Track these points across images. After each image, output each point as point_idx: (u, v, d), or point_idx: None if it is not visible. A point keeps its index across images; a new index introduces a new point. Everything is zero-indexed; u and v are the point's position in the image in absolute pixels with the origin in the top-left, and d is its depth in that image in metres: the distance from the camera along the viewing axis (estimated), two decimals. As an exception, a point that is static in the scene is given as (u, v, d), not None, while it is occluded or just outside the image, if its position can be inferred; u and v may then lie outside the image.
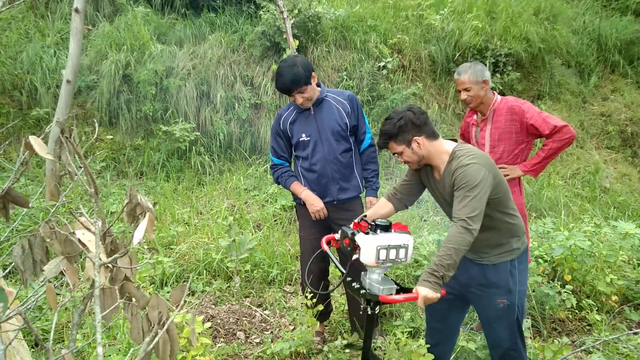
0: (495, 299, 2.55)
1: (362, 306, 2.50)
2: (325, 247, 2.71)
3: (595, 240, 4.22)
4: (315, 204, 3.32)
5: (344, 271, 2.53)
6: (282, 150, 3.44)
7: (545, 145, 3.36)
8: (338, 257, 3.27)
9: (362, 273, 2.49)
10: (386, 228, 2.41)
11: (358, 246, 2.39)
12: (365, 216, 2.64)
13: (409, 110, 2.49)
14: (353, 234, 2.44)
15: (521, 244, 2.57)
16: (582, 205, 6.44)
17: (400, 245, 2.34)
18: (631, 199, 6.71)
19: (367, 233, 2.41)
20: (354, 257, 2.42)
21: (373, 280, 2.41)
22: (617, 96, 8.60)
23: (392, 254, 2.33)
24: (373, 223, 2.43)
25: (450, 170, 2.40)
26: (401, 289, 2.39)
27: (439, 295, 2.23)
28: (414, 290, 2.27)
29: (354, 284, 2.45)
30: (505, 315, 2.57)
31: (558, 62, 8.53)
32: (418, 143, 2.46)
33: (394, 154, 2.59)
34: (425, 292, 2.21)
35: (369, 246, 2.33)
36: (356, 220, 2.60)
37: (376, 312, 2.47)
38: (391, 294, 2.35)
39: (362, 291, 2.39)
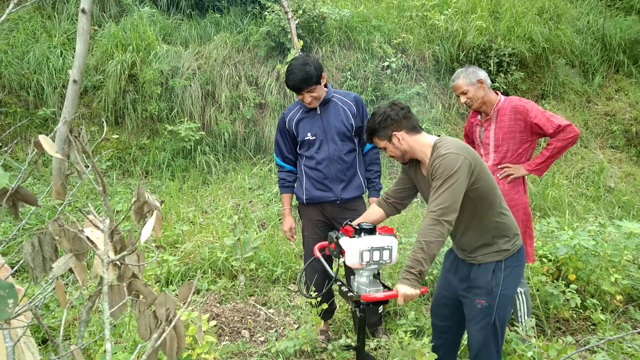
0: (475, 299, 2.52)
1: (351, 309, 2.53)
2: (317, 253, 2.75)
3: (600, 240, 4.21)
4: (285, 226, 3.57)
5: (334, 275, 2.58)
6: (287, 151, 3.46)
7: (549, 144, 3.36)
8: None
9: (352, 276, 2.54)
10: (370, 231, 2.46)
11: (344, 250, 2.43)
12: (351, 221, 2.68)
13: (389, 106, 2.53)
14: (337, 238, 2.49)
15: (511, 246, 2.51)
16: (587, 205, 6.43)
17: (384, 247, 2.39)
18: (636, 199, 6.69)
19: (352, 237, 2.45)
20: (341, 260, 2.45)
21: (361, 283, 2.45)
22: (621, 96, 8.57)
23: (376, 255, 2.38)
24: (357, 227, 2.47)
25: (431, 162, 2.40)
26: (389, 291, 2.42)
27: (418, 292, 2.25)
28: (394, 289, 2.30)
29: (343, 287, 2.49)
30: (481, 316, 2.52)
31: (562, 62, 8.52)
32: (398, 138, 2.49)
33: (379, 149, 2.64)
34: (404, 289, 2.24)
35: (352, 249, 2.38)
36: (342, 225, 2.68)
37: (364, 314, 2.50)
38: None
39: (350, 294, 2.42)
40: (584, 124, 8.07)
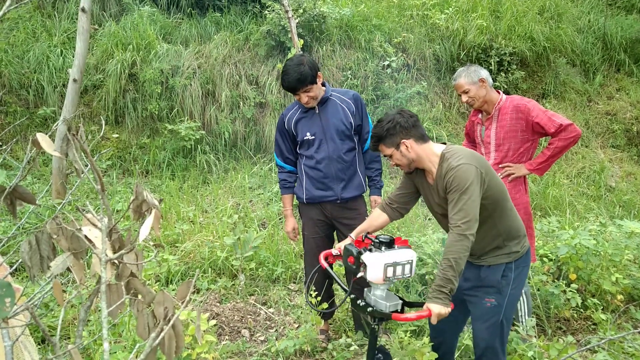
0: (484, 298, 2.54)
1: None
2: (324, 263, 2.68)
3: (601, 239, 4.20)
4: (287, 227, 3.57)
5: (347, 289, 2.52)
6: (287, 151, 3.45)
7: (550, 143, 3.35)
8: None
9: (365, 289, 2.48)
10: (390, 244, 2.41)
11: (363, 264, 2.37)
12: (369, 233, 2.63)
13: (399, 113, 2.50)
14: (359, 253, 2.42)
15: (520, 247, 2.52)
16: (587, 204, 6.42)
17: (407, 261, 2.36)
18: (637, 198, 6.68)
19: (369, 250, 2.42)
20: (359, 275, 2.41)
21: (378, 297, 2.40)
22: (622, 95, 8.56)
23: (399, 270, 2.34)
24: (377, 240, 2.43)
25: (442, 174, 2.39)
26: (405, 303, 2.40)
27: (449, 309, 2.26)
28: (424, 307, 2.29)
29: (358, 301, 2.44)
30: (489, 315, 2.54)
31: (563, 61, 8.51)
32: (406, 146, 2.46)
33: (384, 156, 2.60)
34: (438, 309, 2.23)
35: (376, 264, 2.31)
36: (352, 236, 2.65)
37: (378, 327, 2.46)
38: (397, 310, 2.36)
39: (369, 309, 2.38)
40: (585, 123, 8.06)
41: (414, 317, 2.33)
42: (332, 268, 2.69)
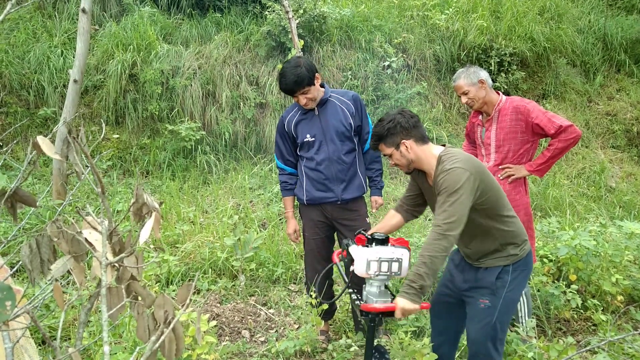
0: (479, 299, 2.53)
1: (359, 319, 2.53)
2: (336, 259, 2.75)
3: (601, 240, 4.20)
4: (289, 229, 3.57)
5: (347, 281, 2.57)
6: (288, 153, 3.44)
7: (550, 145, 3.35)
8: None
9: (363, 286, 2.52)
10: (382, 241, 2.44)
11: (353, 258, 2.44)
12: (365, 230, 2.67)
13: (400, 113, 2.51)
14: (347, 246, 2.49)
15: (519, 251, 2.51)
16: (588, 205, 6.42)
17: (393, 258, 2.37)
18: (637, 199, 6.68)
19: (365, 246, 2.45)
20: (351, 268, 2.46)
21: (370, 293, 2.45)
22: (622, 95, 8.56)
23: (384, 266, 2.36)
24: (370, 237, 2.46)
25: (436, 176, 2.40)
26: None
27: (417, 307, 2.25)
28: (393, 302, 2.30)
29: (352, 295, 2.50)
30: (482, 316, 2.52)
31: (563, 62, 8.50)
32: (406, 146, 2.46)
33: (384, 155, 2.62)
34: (403, 303, 2.24)
35: (360, 258, 2.37)
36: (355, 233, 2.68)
37: (375, 323, 2.49)
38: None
39: (357, 302, 2.43)
40: (585, 124, 8.06)
41: (381, 308, 2.35)
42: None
